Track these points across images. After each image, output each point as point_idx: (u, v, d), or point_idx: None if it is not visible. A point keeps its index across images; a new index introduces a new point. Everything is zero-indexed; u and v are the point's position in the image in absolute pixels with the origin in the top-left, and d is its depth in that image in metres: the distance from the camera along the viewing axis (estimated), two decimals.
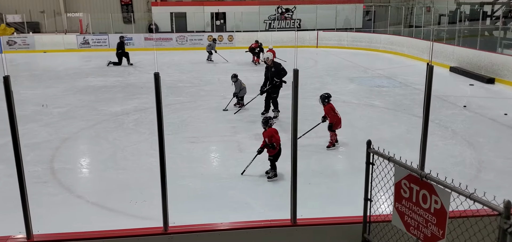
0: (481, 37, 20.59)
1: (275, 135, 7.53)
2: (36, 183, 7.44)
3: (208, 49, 23.44)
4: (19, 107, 3.41)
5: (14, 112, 3.41)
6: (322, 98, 9.48)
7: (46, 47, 27.57)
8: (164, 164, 3.74)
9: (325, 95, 9.51)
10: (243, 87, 12.45)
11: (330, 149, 9.25)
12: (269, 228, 4.04)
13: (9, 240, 3.76)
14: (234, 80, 12.49)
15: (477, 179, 7.62)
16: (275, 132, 7.58)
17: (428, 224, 3.25)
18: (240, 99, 12.49)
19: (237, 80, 12.45)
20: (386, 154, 3.62)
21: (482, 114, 11.99)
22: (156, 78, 3.49)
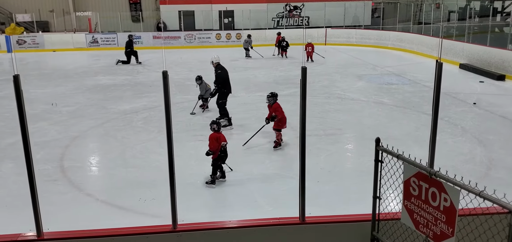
0: (491, 33, 20.43)
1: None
2: (46, 181, 7.49)
3: (245, 46, 23.95)
4: (28, 106, 3.43)
5: (24, 111, 3.43)
6: (270, 97, 9.16)
7: (55, 46, 27.75)
8: (172, 162, 3.75)
9: (273, 94, 9.21)
10: (208, 89, 12.09)
11: (277, 149, 9.00)
12: (277, 226, 4.03)
13: (20, 237, 3.79)
14: (198, 83, 12.05)
15: (487, 177, 7.57)
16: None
17: (438, 222, 3.23)
18: (205, 101, 12.11)
19: (202, 82, 12.13)
20: (395, 152, 3.60)
21: (493, 112, 11.89)
22: (164, 77, 3.50)
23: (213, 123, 7.57)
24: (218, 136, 7.39)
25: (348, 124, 10.99)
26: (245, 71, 19.29)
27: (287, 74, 18.29)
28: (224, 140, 7.44)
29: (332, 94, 14.24)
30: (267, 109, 9.54)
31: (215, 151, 7.30)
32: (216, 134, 7.41)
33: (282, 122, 9.12)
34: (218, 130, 7.48)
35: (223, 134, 7.55)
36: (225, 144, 7.39)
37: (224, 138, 7.47)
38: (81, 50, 27.72)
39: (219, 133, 7.46)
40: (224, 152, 7.41)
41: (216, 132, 7.44)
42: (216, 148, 7.29)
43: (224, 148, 7.37)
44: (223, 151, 7.37)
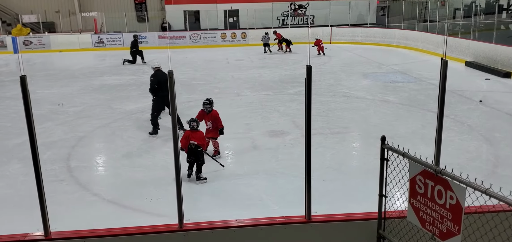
0: (497, 31, 20.29)
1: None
2: (53, 181, 7.53)
3: (265, 41, 25.12)
4: (35, 106, 3.45)
5: (31, 112, 3.45)
6: (208, 105, 8.42)
7: (61, 46, 27.89)
8: (178, 161, 3.77)
9: (210, 100, 8.52)
10: None
11: (217, 157, 8.38)
12: (283, 224, 4.04)
13: (28, 237, 3.82)
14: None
15: (494, 175, 7.54)
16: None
17: (444, 219, 3.23)
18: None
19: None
20: (400, 150, 3.60)
21: (499, 109, 11.84)
22: (170, 77, 3.51)
23: (192, 121, 7.70)
24: (189, 134, 7.52)
25: (353, 122, 10.98)
26: (250, 70, 19.31)
27: (293, 73, 18.29)
28: (196, 139, 7.47)
29: (338, 93, 14.23)
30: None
31: (184, 148, 7.37)
32: (188, 132, 7.58)
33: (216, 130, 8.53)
34: (191, 128, 7.61)
35: (199, 133, 7.65)
36: (193, 143, 7.40)
37: (197, 137, 7.51)
38: (87, 50, 27.85)
39: (193, 131, 7.55)
40: (191, 151, 7.41)
41: (190, 130, 7.60)
42: (184, 145, 7.40)
43: (190, 147, 7.39)
44: (190, 149, 7.40)
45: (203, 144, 7.63)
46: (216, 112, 8.47)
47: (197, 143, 7.41)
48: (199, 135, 7.61)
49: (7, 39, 27.49)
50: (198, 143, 7.41)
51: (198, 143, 7.42)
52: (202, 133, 7.76)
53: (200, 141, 7.50)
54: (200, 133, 7.66)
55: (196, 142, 7.40)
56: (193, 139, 7.43)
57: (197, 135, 7.55)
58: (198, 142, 7.42)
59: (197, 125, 7.66)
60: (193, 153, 7.40)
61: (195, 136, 7.49)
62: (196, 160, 7.41)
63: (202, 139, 7.60)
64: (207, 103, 8.42)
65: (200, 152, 7.43)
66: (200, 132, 7.70)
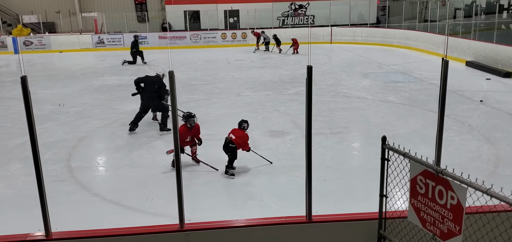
0: (497, 30, 20.28)
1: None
2: (53, 181, 7.53)
3: (267, 40, 25.64)
4: (36, 106, 3.45)
5: (32, 112, 3.45)
6: (192, 119, 8.10)
7: (62, 47, 27.89)
8: (179, 161, 3.77)
9: (193, 115, 8.20)
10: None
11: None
12: (284, 224, 4.04)
13: (29, 237, 3.82)
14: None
15: (495, 175, 7.54)
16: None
17: (445, 220, 3.23)
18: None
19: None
20: (401, 150, 3.60)
21: (499, 109, 11.84)
22: (170, 77, 3.51)
23: (243, 122, 7.93)
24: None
25: (354, 122, 10.98)
26: (251, 71, 19.32)
27: (293, 73, 18.29)
28: (234, 134, 7.83)
29: (338, 93, 14.23)
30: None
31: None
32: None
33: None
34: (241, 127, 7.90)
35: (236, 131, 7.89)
36: (229, 138, 7.80)
37: (234, 133, 7.83)
38: (87, 50, 27.85)
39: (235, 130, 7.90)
40: (225, 145, 7.82)
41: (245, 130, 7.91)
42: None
43: (226, 141, 7.84)
44: (225, 143, 7.83)
45: (238, 143, 7.74)
46: (198, 126, 8.25)
47: (234, 139, 7.72)
48: (240, 133, 7.81)
49: (8, 39, 27.50)
50: (233, 140, 7.70)
51: (234, 140, 7.70)
52: (243, 133, 7.86)
53: (237, 139, 7.73)
54: (241, 133, 7.84)
55: (233, 137, 7.73)
56: (232, 134, 7.77)
57: (237, 133, 7.80)
58: (235, 140, 7.71)
59: (247, 126, 7.92)
60: (226, 147, 7.75)
61: (236, 133, 7.78)
62: (227, 153, 7.77)
63: (238, 137, 7.75)
64: (192, 117, 8.07)
65: (233, 148, 7.69)
66: (243, 132, 7.86)
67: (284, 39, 26.03)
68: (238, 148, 7.76)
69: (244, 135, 7.85)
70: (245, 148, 7.89)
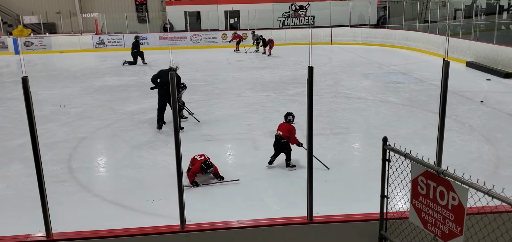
0: (498, 31, 20.29)
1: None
2: (54, 182, 7.53)
3: (258, 39, 25.60)
4: (36, 107, 3.45)
5: (33, 113, 3.45)
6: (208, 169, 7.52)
7: (62, 47, 27.90)
8: (180, 162, 3.76)
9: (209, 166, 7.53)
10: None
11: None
12: (285, 225, 4.03)
13: (29, 238, 3.82)
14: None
15: (495, 175, 7.53)
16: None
17: (446, 220, 3.23)
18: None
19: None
20: (402, 151, 3.59)
21: (500, 110, 11.84)
22: (171, 78, 3.51)
23: (289, 114, 8.28)
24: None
25: (354, 123, 10.98)
26: (251, 71, 19.32)
27: (294, 73, 18.30)
28: (282, 130, 8.08)
29: (339, 94, 14.23)
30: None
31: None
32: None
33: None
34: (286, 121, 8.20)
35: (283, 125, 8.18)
36: (278, 133, 8.07)
37: (282, 129, 8.10)
38: (88, 51, 27.86)
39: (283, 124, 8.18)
40: (276, 141, 8.09)
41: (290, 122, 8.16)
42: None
43: (276, 137, 8.10)
44: (276, 140, 8.09)
45: (287, 136, 7.98)
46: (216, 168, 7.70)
47: (282, 134, 7.94)
48: (287, 127, 8.07)
49: (8, 40, 27.51)
50: (282, 134, 7.94)
51: (283, 134, 7.95)
52: (290, 127, 8.11)
53: (285, 132, 7.98)
54: (288, 126, 8.11)
55: (281, 133, 7.96)
56: (280, 130, 8.04)
57: (284, 127, 8.07)
58: (283, 134, 7.95)
59: (293, 118, 8.25)
60: (278, 143, 8.01)
61: (283, 128, 8.06)
62: (281, 150, 8.02)
63: (286, 131, 8.00)
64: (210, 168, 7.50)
65: (284, 143, 7.97)
66: (289, 125, 8.13)
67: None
68: (289, 141, 7.97)
69: (291, 127, 8.08)
70: (293, 141, 8.01)
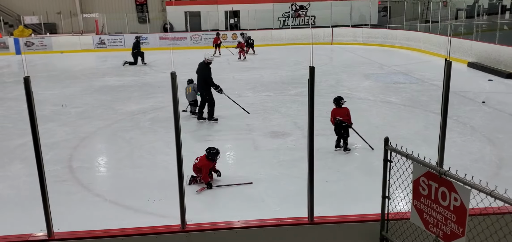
0: (500, 31, 20.25)
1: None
2: (55, 181, 7.52)
3: (251, 41, 25.29)
4: (37, 107, 3.44)
5: (35, 113, 3.44)
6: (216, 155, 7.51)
7: (63, 48, 27.92)
8: (181, 162, 3.75)
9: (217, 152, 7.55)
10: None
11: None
12: (286, 226, 4.03)
13: (31, 237, 3.81)
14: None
15: (497, 176, 7.51)
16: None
17: (448, 221, 3.21)
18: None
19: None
20: (404, 151, 3.58)
21: (502, 110, 11.82)
22: (172, 78, 3.50)
23: (340, 98, 8.84)
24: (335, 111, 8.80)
25: (355, 123, 10.90)
26: (251, 71, 19.31)
27: (294, 74, 18.29)
28: (341, 115, 8.66)
29: (339, 94, 14.15)
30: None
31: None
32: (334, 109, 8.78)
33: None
34: (337, 106, 8.79)
35: (343, 109, 8.72)
36: (339, 119, 8.65)
37: (342, 114, 8.71)
38: (88, 51, 27.88)
39: (339, 109, 8.73)
40: (337, 125, 8.71)
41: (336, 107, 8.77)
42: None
43: (336, 122, 8.70)
44: (336, 124, 8.72)
45: (348, 120, 8.65)
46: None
47: (342, 118, 8.55)
48: (344, 111, 8.66)
49: (9, 40, 27.53)
50: (343, 119, 8.54)
51: (343, 119, 8.55)
52: (347, 109, 8.72)
53: (345, 117, 8.60)
54: (345, 110, 8.70)
55: (341, 118, 8.56)
56: (339, 115, 8.60)
57: (342, 111, 8.63)
58: (343, 118, 8.55)
59: (337, 103, 8.74)
60: (338, 127, 8.64)
61: (340, 112, 8.62)
62: (342, 134, 8.68)
63: (346, 115, 8.63)
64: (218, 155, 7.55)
65: (345, 126, 8.62)
66: (345, 108, 8.71)
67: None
68: (348, 123, 8.66)
69: (347, 110, 8.72)
70: (350, 122, 8.72)
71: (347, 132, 8.74)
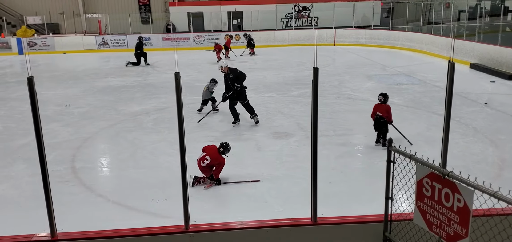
0: (502, 33, 20.23)
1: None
2: (58, 182, 7.54)
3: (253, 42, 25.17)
4: (40, 107, 3.45)
5: (38, 113, 3.45)
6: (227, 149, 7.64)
7: (65, 48, 27.95)
8: (184, 163, 3.76)
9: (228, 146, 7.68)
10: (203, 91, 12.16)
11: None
12: (289, 227, 4.03)
13: (34, 238, 3.82)
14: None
15: (500, 177, 7.51)
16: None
17: (451, 222, 3.21)
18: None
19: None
20: (407, 152, 3.58)
21: (504, 112, 11.80)
22: (176, 78, 3.50)
23: (382, 95, 9.17)
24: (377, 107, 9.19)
25: (358, 124, 10.96)
26: (254, 72, 19.29)
27: (297, 74, 18.29)
28: (382, 112, 9.03)
29: (342, 95, 14.21)
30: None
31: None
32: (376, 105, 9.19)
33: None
34: (380, 101, 9.17)
35: (384, 106, 9.00)
36: (379, 114, 9.02)
37: (382, 110, 9.04)
38: (91, 52, 27.90)
39: (380, 105, 9.10)
40: (377, 121, 9.09)
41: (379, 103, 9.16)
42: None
43: (377, 118, 9.08)
44: (376, 120, 9.12)
45: (388, 117, 8.96)
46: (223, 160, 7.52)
47: (382, 114, 8.91)
48: (385, 108, 8.99)
49: (12, 40, 27.58)
50: (382, 115, 8.91)
51: (383, 115, 8.91)
52: (388, 107, 9.07)
53: (385, 113, 8.94)
54: (386, 106, 9.03)
55: (381, 114, 8.92)
56: (380, 111, 8.95)
57: (383, 108, 8.99)
58: (383, 115, 8.91)
59: (384, 99, 9.09)
60: (378, 123, 8.98)
61: (381, 109, 8.99)
62: (381, 130, 8.99)
63: (385, 111, 8.97)
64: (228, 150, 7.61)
65: (384, 123, 8.94)
66: (387, 105, 9.05)
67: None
68: (388, 120, 8.95)
69: (388, 107, 9.04)
70: (390, 119, 9.01)
71: (386, 128, 9.02)
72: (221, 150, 7.42)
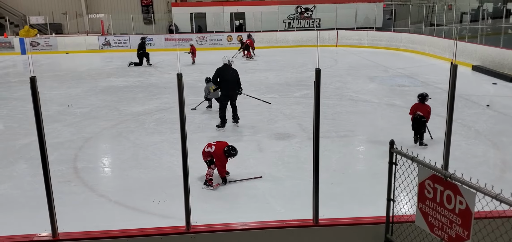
0: (504, 35, 20.21)
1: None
2: (60, 182, 7.54)
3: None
4: (42, 107, 3.45)
5: (41, 113, 3.45)
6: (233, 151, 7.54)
7: (68, 48, 27.99)
8: (186, 163, 3.76)
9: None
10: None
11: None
12: (290, 228, 4.02)
13: (35, 238, 3.82)
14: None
15: (502, 180, 7.49)
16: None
17: (453, 225, 3.21)
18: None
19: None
20: (409, 154, 3.58)
21: (506, 114, 11.78)
22: (179, 79, 3.50)
23: (421, 96, 9.28)
24: (417, 106, 9.24)
25: (360, 126, 10.95)
26: (256, 73, 19.31)
27: (299, 76, 18.29)
28: (422, 111, 9.03)
29: (344, 96, 14.20)
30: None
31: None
32: (417, 104, 9.29)
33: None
34: (419, 100, 9.25)
35: (425, 106, 9.02)
36: (418, 114, 9.03)
37: (423, 110, 9.01)
38: (93, 52, 27.93)
39: (421, 105, 9.15)
40: (416, 120, 9.08)
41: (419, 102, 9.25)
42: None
43: (416, 116, 9.08)
44: (415, 119, 9.12)
45: (427, 117, 8.94)
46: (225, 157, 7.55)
47: (422, 114, 8.91)
48: (426, 108, 9.02)
49: (15, 40, 27.64)
50: (422, 114, 8.90)
51: (423, 114, 8.90)
52: (429, 107, 9.07)
53: (425, 113, 8.94)
54: (427, 107, 9.04)
55: (421, 113, 8.92)
56: (420, 111, 8.96)
57: (424, 108, 9.01)
58: (423, 114, 8.90)
59: (424, 99, 9.13)
60: (417, 122, 8.99)
61: (422, 108, 9.00)
62: (420, 129, 8.99)
63: (426, 112, 8.97)
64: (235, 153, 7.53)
65: (423, 122, 8.94)
66: (427, 105, 9.06)
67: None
68: (427, 120, 8.97)
69: (429, 108, 9.05)
70: (428, 119, 9.02)
71: (425, 128, 9.05)
72: (226, 149, 7.41)
